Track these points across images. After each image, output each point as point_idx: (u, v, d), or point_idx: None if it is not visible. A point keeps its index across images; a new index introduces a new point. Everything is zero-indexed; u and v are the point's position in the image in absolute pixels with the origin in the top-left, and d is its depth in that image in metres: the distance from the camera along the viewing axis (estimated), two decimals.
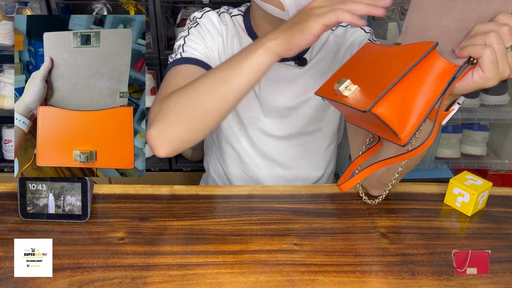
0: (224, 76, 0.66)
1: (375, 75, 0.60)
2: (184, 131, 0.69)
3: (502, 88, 1.58)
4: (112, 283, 0.60)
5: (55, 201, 0.70)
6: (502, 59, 0.54)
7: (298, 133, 0.93)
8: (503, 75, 0.55)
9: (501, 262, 0.66)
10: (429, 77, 0.57)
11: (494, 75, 0.55)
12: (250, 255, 0.65)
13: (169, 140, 0.69)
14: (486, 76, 0.55)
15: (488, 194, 0.76)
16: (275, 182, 0.97)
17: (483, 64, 0.54)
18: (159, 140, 0.69)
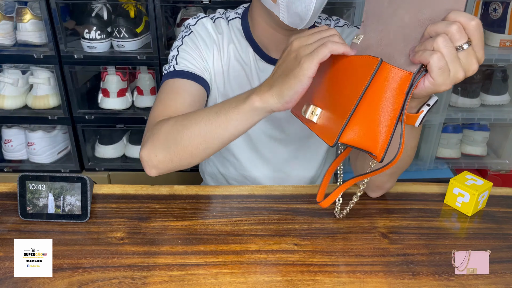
0: (211, 126, 0.67)
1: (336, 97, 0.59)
2: (170, 162, 0.72)
3: (502, 88, 1.58)
4: (112, 283, 0.60)
5: (54, 201, 0.70)
6: (453, 62, 0.52)
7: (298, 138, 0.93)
8: (456, 79, 0.53)
9: (501, 262, 0.66)
10: (388, 90, 0.55)
11: (444, 80, 0.52)
12: (250, 255, 0.65)
13: (157, 165, 0.73)
14: (436, 82, 0.53)
15: (489, 194, 0.76)
16: (271, 182, 0.97)
17: (431, 70, 0.52)
18: (147, 163, 0.73)
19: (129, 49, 1.46)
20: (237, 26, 0.89)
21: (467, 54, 0.52)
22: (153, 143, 0.73)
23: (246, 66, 0.88)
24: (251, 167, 0.96)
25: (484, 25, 1.53)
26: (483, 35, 0.52)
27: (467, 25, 0.51)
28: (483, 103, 1.60)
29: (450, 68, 0.52)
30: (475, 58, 0.52)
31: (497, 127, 1.69)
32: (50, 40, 1.43)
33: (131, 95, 1.60)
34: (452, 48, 0.51)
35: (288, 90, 0.59)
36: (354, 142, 0.57)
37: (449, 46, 0.51)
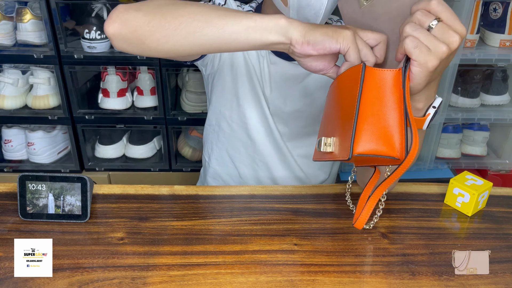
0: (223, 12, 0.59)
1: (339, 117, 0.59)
2: (144, 24, 0.61)
3: (502, 88, 1.58)
4: (112, 283, 0.60)
5: (54, 201, 0.70)
6: (427, 39, 0.53)
7: (304, 132, 0.93)
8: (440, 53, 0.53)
9: (501, 262, 0.66)
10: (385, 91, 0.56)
11: (425, 57, 0.53)
12: (250, 255, 0.65)
13: (126, 21, 0.62)
14: (419, 62, 0.53)
15: (489, 194, 0.76)
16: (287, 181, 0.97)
17: (410, 53, 0.53)
18: (117, 15, 0.63)
19: None
20: None
21: (440, 29, 0.53)
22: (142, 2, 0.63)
23: (261, 57, 0.89)
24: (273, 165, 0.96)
25: (484, 25, 1.53)
26: (449, 9, 0.53)
27: (429, 7, 0.53)
28: (483, 103, 1.60)
29: (428, 45, 0.53)
30: (451, 30, 0.53)
31: (497, 127, 1.69)
32: (50, 40, 1.43)
33: (131, 95, 1.60)
34: (420, 29, 0.53)
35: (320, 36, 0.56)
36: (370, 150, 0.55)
37: (416, 28, 0.53)
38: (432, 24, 0.53)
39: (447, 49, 0.53)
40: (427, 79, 0.56)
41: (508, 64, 1.49)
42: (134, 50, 0.64)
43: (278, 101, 0.91)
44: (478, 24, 1.47)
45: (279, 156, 0.95)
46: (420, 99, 0.60)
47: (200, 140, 1.66)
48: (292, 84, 0.90)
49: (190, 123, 1.59)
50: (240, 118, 0.93)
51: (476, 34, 1.49)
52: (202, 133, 1.64)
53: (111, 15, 0.63)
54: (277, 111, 0.92)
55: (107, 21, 0.63)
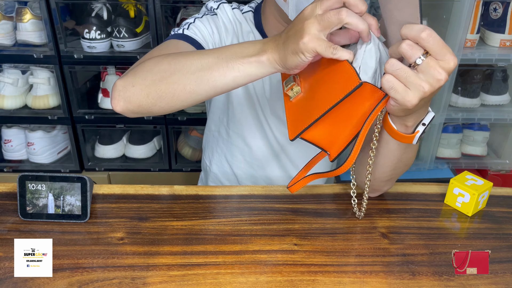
0: (209, 68, 0.62)
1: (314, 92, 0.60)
2: (145, 98, 0.65)
3: (502, 88, 1.58)
4: (112, 283, 0.60)
5: (54, 201, 0.70)
6: (408, 79, 0.51)
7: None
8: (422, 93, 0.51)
9: (502, 262, 0.66)
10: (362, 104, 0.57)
11: (402, 98, 0.52)
12: (250, 255, 0.65)
13: (129, 97, 0.66)
14: (397, 101, 0.53)
15: (489, 194, 0.76)
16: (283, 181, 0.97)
17: (385, 91, 0.53)
18: (119, 94, 0.66)
19: (129, 49, 1.46)
20: (250, 19, 0.90)
21: (426, 66, 0.51)
22: (134, 73, 0.66)
23: None
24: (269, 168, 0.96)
25: (484, 25, 1.53)
26: (440, 41, 0.50)
27: (418, 38, 0.50)
28: (483, 103, 1.60)
29: (407, 84, 0.51)
30: (439, 67, 0.50)
31: (497, 127, 1.69)
32: (50, 40, 1.43)
33: None
34: (401, 69, 0.51)
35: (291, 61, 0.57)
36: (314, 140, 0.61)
37: (396, 68, 0.51)
38: (418, 61, 0.51)
39: (430, 88, 0.51)
40: (406, 112, 0.56)
41: (508, 64, 1.49)
42: (146, 115, 0.69)
43: (276, 103, 0.91)
44: (478, 24, 1.47)
45: (275, 158, 0.96)
46: (408, 119, 0.60)
47: (200, 140, 1.66)
48: None
49: (190, 123, 1.59)
50: (235, 125, 0.94)
51: (476, 34, 1.49)
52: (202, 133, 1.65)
53: (113, 94, 0.67)
54: (276, 113, 0.91)
55: (113, 101, 0.67)
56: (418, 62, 0.51)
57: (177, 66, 0.64)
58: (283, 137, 0.94)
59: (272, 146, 0.95)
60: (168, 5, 1.45)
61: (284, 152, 0.95)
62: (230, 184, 1.01)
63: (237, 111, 0.93)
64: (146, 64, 0.67)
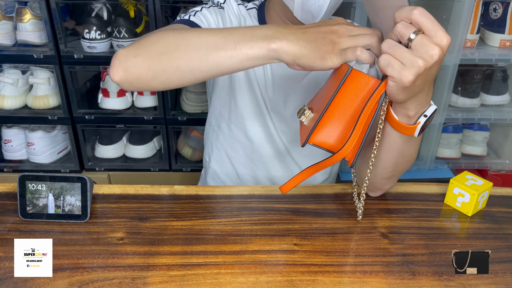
0: (217, 47, 0.61)
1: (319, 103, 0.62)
2: (146, 70, 0.64)
3: (502, 88, 1.58)
4: (112, 283, 0.60)
5: (54, 201, 0.70)
6: (403, 56, 0.53)
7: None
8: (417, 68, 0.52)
9: (502, 262, 0.66)
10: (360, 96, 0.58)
11: (398, 73, 0.53)
12: (250, 255, 0.65)
13: (128, 69, 0.65)
14: (395, 78, 0.54)
15: (489, 194, 0.76)
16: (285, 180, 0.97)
17: (383, 70, 0.54)
18: (119, 63, 0.65)
19: None
20: (254, 16, 0.91)
21: (419, 42, 0.52)
22: (138, 44, 0.65)
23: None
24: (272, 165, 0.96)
25: (484, 25, 1.53)
26: (432, 19, 0.52)
27: (410, 17, 0.52)
28: (483, 103, 1.60)
29: (402, 61, 0.53)
30: (431, 43, 0.52)
31: (497, 127, 1.69)
32: (50, 40, 1.43)
33: (131, 95, 1.60)
34: (395, 46, 0.53)
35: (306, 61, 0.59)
36: (325, 145, 0.60)
37: (391, 45, 0.53)
38: (411, 37, 0.52)
39: (424, 64, 0.52)
40: (406, 93, 0.56)
41: (508, 64, 1.49)
42: (142, 90, 0.69)
43: (279, 100, 0.91)
44: (478, 24, 1.47)
45: (277, 156, 0.95)
46: (409, 107, 0.60)
47: (200, 140, 1.66)
48: (293, 83, 0.90)
49: (190, 123, 1.59)
50: (237, 119, 0.94)
51: (476, 34, 1.49)
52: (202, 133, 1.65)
53: (113, 62, 0.65)
54: (278, 109, 0.92)
55: (111, 70, 0.66)
56: (412, 37, 0.52)
57: (183, 42, 0.63)
58: (287, 135, 0.94)
59: (275, 143, 0.94)
60: (168, 5, 1.44)
61: (288, 151, 0.95)
62: (229, 180, 1.01)
63: (239, 104, 0.92)
64: (152, 36, 0.65)
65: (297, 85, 0.90)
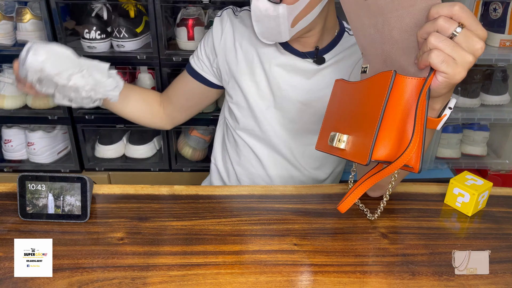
0: None
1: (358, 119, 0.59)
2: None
3: (502, 88, 1.58)
4: (112, 284, 0.60)
5: (54, 201, 0.70)
6: (453, 51, 0.52)
7: (308, 130, 0.93)
8: (467, 63, 0.52)
9: (502, 262, 0.66)
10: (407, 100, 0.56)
11: (453, 70, 0.53)
12: (250, 255, 0.65)
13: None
14: (448, 75, 0.53)
15: (489, 194, 0.76)
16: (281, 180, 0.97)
17: (437, 67, 0.53)
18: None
19: (129, 49, 1.46)
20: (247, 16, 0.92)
21: (464, 37, 0.52)
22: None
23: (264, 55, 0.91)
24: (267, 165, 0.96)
25: (484, 25, 1.53)
26: (471, 14, 0.52)
27: (451, 13, 0.52)
28: (483, 103, 1.60)
29: (454, 56, 0.52)
30: (475, 37, 0.52)
31: (497, 127, 1.69)
32: (50, 40, 1.43)
33: None
34: (445, 40, 0.52)
35: None
36: (388, 157, 0.57)
37: (441, 39, 0.52)
38: (456, 31, 0.52)
39: (473, 59, 0.53)
40: (451, 88, 0.56)
41: (508, 64, 1.49)
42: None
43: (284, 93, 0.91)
44: None
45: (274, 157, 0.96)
46: (438, 100, 0.59)
47: (200, 140, 1.66)
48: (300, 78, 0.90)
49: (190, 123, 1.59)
50: (233, 121, 0.96)
51: None
52: (202, 133, 1.65)
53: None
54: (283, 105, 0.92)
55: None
56: (458, 31, 0.52)
57: None
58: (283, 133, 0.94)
59: (270, 143, 0.95)
60: (168, 5, 1.44)
61: (285, 150, 0.95)
62: (229, 180, 1.02)
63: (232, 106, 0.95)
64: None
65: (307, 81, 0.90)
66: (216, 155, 1.05)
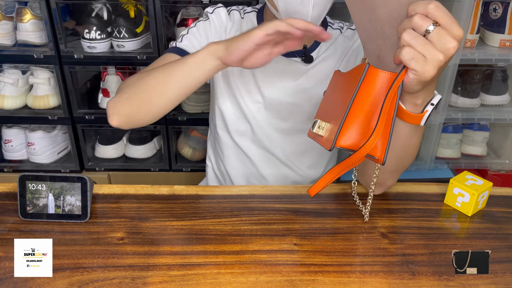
0: (171, 68, 0.75)
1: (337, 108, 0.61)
2: (130, 108, 0.78)
3: (502, 88, 1.58)
4: (112, 283, 0.60)
5: (54, 201, 0.70)
6: (424, 48, 0.52)
7: (299, 129, 0.93)
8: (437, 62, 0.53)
9: (501, 262, 0.66)
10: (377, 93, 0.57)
11: (422, 67, 0.53)
12: (250, 255, 0.65)
13: (118, 113, 0.78)
14: (417, 72, 0.53)
15: (489, 194, 0.76)
16: (275, 178, 0.98)
17: (406, 63, 0.53)
18: (111, 111, 0.78)
19: (129, 49, 1.46)
20: (251, 19, 0.93)
21: (437, 35, 0.52)
22: (120, 91, 0.79)
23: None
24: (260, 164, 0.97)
25: (484, 25, 1.53)
26: (447, 13, 0.52)
27: (427, 11, 0.52)
28: (483, 103, 1.60)
29: (424, 54, 0.53)
30: (448, 36, 0.52)
31: (497, 127, 1.69)
32: (50, 40, 1.43)
33: None
34: (417, 37, 0.53)
35: (234, 44, 0.69)
36: (352, 146, 0.58)
37: (413, 36, 0.53)
38: (429, 29, 0.52)
39: (444, 58, 0.53)
40: (423, 84, 0.56)
41: (508, 64, 1.49)
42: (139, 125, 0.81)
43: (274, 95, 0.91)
44: (478, 24, 1.47)
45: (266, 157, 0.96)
46: (419, 96, 0.60)
47: (200, 140, 1.66)
48: (289, 78, 0.90)
49: (190, 123, 1.59)
50: (223, 123, 0.96)
51: (476, 34, 1.49)
52: (202, 133, 1.65)
53: (107, 112, 0.79)
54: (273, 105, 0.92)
55: (108, 118, 0.79)
56: (431, 29, 0.52)
57: (149, 75, 0.77)
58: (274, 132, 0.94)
59: (261, 143, 0.95)
60: (168, 5, 1.45)
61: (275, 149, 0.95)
62: (225, 181, 1.02)
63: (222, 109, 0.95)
64: (128, 81, 0.81)
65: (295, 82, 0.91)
66: (211, 157, 1.06)
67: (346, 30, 0.93)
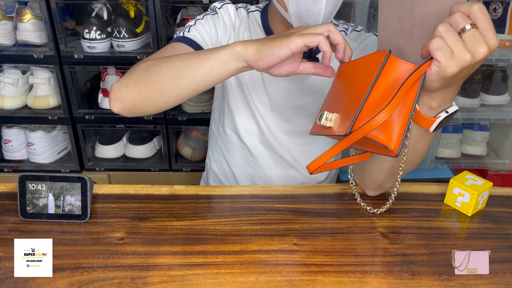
0: (189, 61, 0.68)
1: (347, 97, 0.60)
2: (136, 96, 0.72)
3: (502, 88, 1.58)
4: (112, 283, 0.60)
5: (54, 201, 0.70)
6: (455, 44, 0.52)
7: (305, 130, 0.93)
8: (463, 61, 0.52)
9: (501, 262, 0.66)
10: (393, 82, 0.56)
11: (446, 61, 0.53)
12: (250, 255, 0.65)
13: (123, 99, 0.73)
14: (441, 64, 0.53)
15: (489, 194, 0.76)
16: (281, 179, 0.97)
17: (433, 53, 0.53)
18: (114, 95, 0.74)
19: (129, 49, 1.46)
20: (255, 18, 0.92)
21: (471, 36, 0.52)
22: (128, 76, 0.74)
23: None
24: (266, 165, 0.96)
25: None
26: (489, 19, 0.52)
27: (469, 11, 0.52)
28: (483, 103, 1.60)
29: (453, 49, 0.52)
30: (482, 40, 0.52)
31: (497, 127, 1.69)
32: (50, 40, 1.43)
33: None
34: (452, 32, 0.53)
35: (267, 50, 0.62)
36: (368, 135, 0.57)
37: (448, 30, 0.53)
38: (465, 27, 0.52)
39: (471, 59, 0.52)
40: (443, 82, 0.56)
41: (508, 64, 1.49)
42: (141, 114, 0.76)
43: (279, 97, 0.91)
44: None
45: (274, 159, 0.96)
46: (436, 97, 0.59)
47: (200, 140, 1.66)
48: (294, 80, 0.90)
49: (190, 123, 1.59)
50: (231, 122, 0.96)
51: None
52: (202, 133, 1.65)
53: (110, 96, 0.75)
54: (279, 107, 0.92)
55: (110, 102, 0.75)
56: (467, 28, 0.52)
57: (163, 64, 0.70)
58: (280, 134, 0.94)
59: (269, 144, 0.95)
60: (168, 5, 1.45)
61: (282, 150, 0.95)
62: (228, 182, 1.02)
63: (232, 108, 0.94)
64: (138, 67, 0.74)
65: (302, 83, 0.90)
66: (211, 158, 1.05)
67: (351, 32, 0.93)
